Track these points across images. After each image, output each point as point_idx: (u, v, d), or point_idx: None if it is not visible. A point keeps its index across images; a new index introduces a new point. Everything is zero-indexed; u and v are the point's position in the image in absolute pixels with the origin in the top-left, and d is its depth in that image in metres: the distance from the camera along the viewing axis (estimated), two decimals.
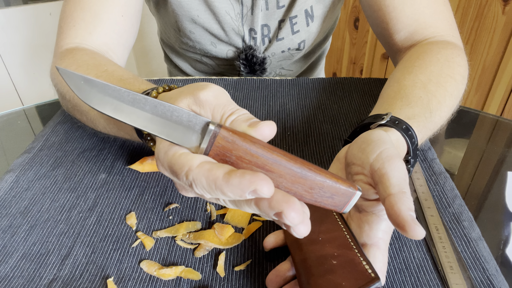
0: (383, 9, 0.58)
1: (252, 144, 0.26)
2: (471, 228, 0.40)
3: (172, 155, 0.27)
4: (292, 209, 0.25)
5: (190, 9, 0.65)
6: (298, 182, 0.26)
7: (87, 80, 0.27)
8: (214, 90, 0.30)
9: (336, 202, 0.27)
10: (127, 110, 0.27)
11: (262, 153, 0.26)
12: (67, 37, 0.55)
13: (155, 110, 0.27)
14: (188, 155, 0.27)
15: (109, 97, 0.27)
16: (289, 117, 0.58)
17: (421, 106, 0.43)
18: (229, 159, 0.27)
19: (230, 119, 0.29)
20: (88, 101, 0.27)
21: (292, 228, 0.26)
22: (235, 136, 0.26)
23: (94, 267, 0.37)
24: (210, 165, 0.26)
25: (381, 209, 0.33)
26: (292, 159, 0.26)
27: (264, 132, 0.27)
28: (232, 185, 0.24)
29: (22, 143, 0.55)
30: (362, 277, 0.30)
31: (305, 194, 0.27)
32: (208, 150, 0.27)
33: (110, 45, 0.57)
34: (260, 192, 0.24)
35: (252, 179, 0.24)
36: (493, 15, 1.34)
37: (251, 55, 0.70)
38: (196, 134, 0.27)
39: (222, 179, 0.25)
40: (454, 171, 0.50)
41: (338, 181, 0.27)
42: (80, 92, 0.27)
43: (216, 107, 0.29)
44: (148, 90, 0.39)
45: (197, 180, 0.26)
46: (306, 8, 0.67)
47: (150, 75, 1.85)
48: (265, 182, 0.24)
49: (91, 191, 0.46)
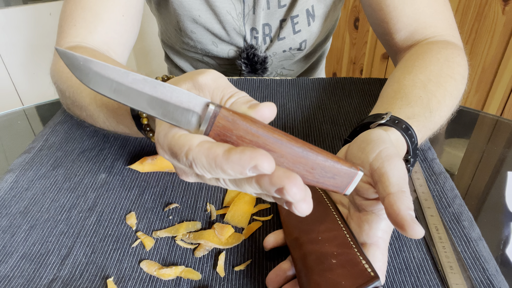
0: (384, 8, 0.58)
1: (252, 124, 0.26)
2: (471, 228, 0.40)
3: (171, 136, 0.27)
4: (294, 184, 0.24)
5: (191, 9, 0.65)
6: (299, 162, 0.26)
7: (86, 60, 0.27)
8: (213, 73, 0.30)
9: (338, 182, 0.27)
10: (126, 91, 0.27)
11: (263, 133, 0.26)
12: (67, 36, 0.55)
13: (154, 91, 0.27)
14: (188, 135, 0.27)
15: (108, 77, 0.27)
16: (289, 117, 0.58)
17: (421, 105, 0.43)
18: (229, 139, 0.26)
19: (230, 101, 0.29)
20: (87, 82, 0.27)
21: (294, 205, 0.25)
22: (236, 115, 0.26)
23: (94, 267, 0.37)
24: (210, 144, 0.25)
25: (381, 208, 0.33)
26: (293, 139, 0.26)
27: (264, 113, 0.27)
28: (232, 162, 0.24)
29: (22, 143, 0.55)
30: (362, 276, 0.30)
31: (307, 174, 0.26)
32: (208, 130, 0.27)
33: (110, 45, 0.57)
34: (261, 167, 0.24)
35: (253, 154, 0.24)
36: (493, 15, 1.34)
37: (252, 54, 0.70)
38: (196, 115, 0.27)
39: (222, 156, 0.24)
40: (454, 171, 0.50)
41: (339, 161, 0.27)
42: (78, 73, 0.27)
43: (215, 90, 0.29)
44: None
45: (197, 159, 0.25)
46: (307, 7, 0.67)
47: (150, 75, 1.84)
48: (266, 158, 0.24)
49: (91, 191, 0.46)
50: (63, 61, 0.27)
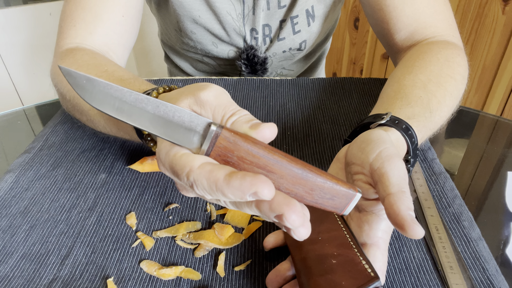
0: (384, 8, 0.58)
1: (253, 145, 0.26)
2: (471, 228, 0.40)
3: (173, 155, 0.27)
4: (293, 211, 0.24)
5: (192, 10, 0.65)
6: (299, 183, 0.26)
7: (89, 79, 0.27)
8: (215, 90, 0.30)
9: (336, 203, 0.27)
10: (128, 110, 0.27)
11: (264, 154, 0.26)
12: (67, 37, 0.55)
13: (157, 110, 0.27)
14: (189, 155, 0.27)
15: (111, 96, 0.27)
16: (289, 117, 0.58)
17: (421, 106, 0.43)
18: (230, 159, 0.27)
19: (231, 120, 0.29)
20: (89, 101, 0.27)
21: (293, 231, 0.26)
22: (237, 136, 0.26)
23: (94, 267, 0.37)
24: (211, 166, 0.26)
25: (381, 208, 0.33)
26: (293, 160, 0.26)
27: (265, 134, 0.27)
28: (233, 187, 0.24)
29: (22, 143, 0.55)
30: (362, 277, 0.30)
31: (306, 195, 0.27)
32: (210, 151, 0.27)
33: (110, 45, 0.57)
34: (261, 194, 0.24)
35: (253, 181, 0.24)
36: (493, 15, 1.34)
37: (252, 55, 0.70)
38: (198, 135, 0.27)
39: (223, 181, 0.25)
40: (454, 171, 0.50)
41: (338, 182, 0.27)
42: (81, 91, 0.27)
43: (217, 107, 0.29)
44: (149, 90, 0.39)
45: (198, 181, 0.26)
46: (307, 8, 0.67)
47: (150, 75, 1.85)
48: (266, 185, 0.24)
49: (91, 191, 0.46)
50: (66, 80, 0.27)
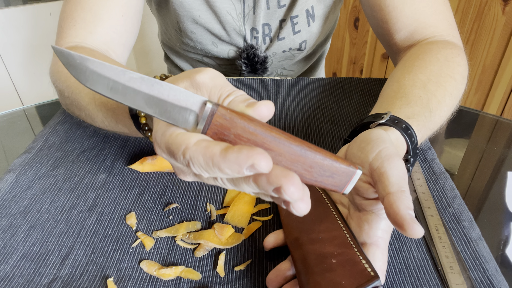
0: (383, 8, 0.58)
1: (250, 122, 0.26)
2: (471, 228, 0.40)
3: (169, 135, 0.27)
4: (292, 183, 0.24)
5: (192, 9, 0.65)
6: (297, 160, 0.26)
7: (83, 58, 0.26)
8: (210, 72, 0.30)
9: (336, 181, 0.27)
10: (123, 89, 0.27)
11: (261, 131, 0.25)
12: (67, 36, 0.55)
13: (151, 90, 0.26)
14: (185, 134, 0.26)
15: (105, 76, 0.26)
16: (289, 117, 0.58)
17: (420, 105, 0.43)
18: (227, 137, 0.26)
19: (228, 100, 0.28)
20: (83, 81, 0.27)
21: (292, 205, 0.25)
22: (233, 114, 0.26)
23: (94, 267, 0.37)
24: (207, 143, 0.25)
25: (381, 208, 0.33)
26: (291, 137, 0.26)
27: (262, 111, 0.27)
28: (230, 161, 0.24)
29: (22, 143, 0.55)
30: (362, 276, 0.30)
31: (305, 173, 0.26)
32: (206, 129, 0.26)
33: (110, 45, 0.57)
34: (258, 166, 0.23)
35: (250, 153, 0.23)
36: (493, 15, 1.34)
37: (252, 54, 0.70)
38: (193, 113, 0.27)
39: (219, 155, 0.24)
40: (454, 171, 0.50)
41: (338, 159, 0.26)
42: (75, 71, 0.27)
43: (212, 88, 0.29)
44: None
45: (194, 158, 0.25)
46: (307, 8, 0.67)
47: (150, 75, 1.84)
48: (263, 156, 0.23)
49: (91, 191, 0.46)
50: (59, 60, 0.27)
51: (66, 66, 0.27)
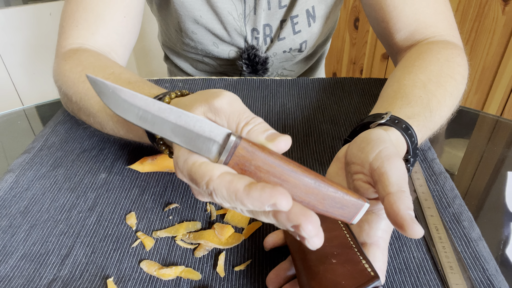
0: (384, 8, 0.58)
1: (270, 155, 0.27)
2: (471, 228, 0.40)
3: (192, 163, 0.28)
4: (310, 222, 0.26)
5: (193, 9, 0.65)
6: (311, 192, 0.28)
7: (116, 88, 0.28)
8: (228, 97, 0.31)
9: (345, 213, 0.29)
10: (152, 119, 0.28)
11: (279, 164, 0.27)
12: (69, 37, 0.55)
13: (179, 120, 0.28)
14: (209, 165, 0.28)
15: (135, 105, 0.28)
16: (289, 117, 0.58)
17: (421, 105, 0.43)
18: (247, 168, 0.28)
19: (247, 128, 0.29)
20: (114, 109, 0.28)
21: (307, 240, 0.27)
22: (255, 147, 0.28)
23: (94, 267, 0.37)
24: (231, 177, 0.27)
25: (381, 208, 0.33)
26: (307, 171, 0.28)
27: (281, 145, 0.29)
28: (253, 198, 0.25)
29: (22, 143, 0.55)
30: (362, 276, 0.30)
31: (318, 204, 0.28)
32: (228, 160, 0.28)
33: (112, 46, 0.57)
34: (280, 205, 0.25)
35: (273, 193, 0.25)
36: (493, 15, 1.34)
37: (253, 54, 0.70)
38: (217, 144, 0.28)
39: (243, 191, 0.26)
40: (454, 171, 0.50)
41: (348, 193, 0.28)
42: (107, 100, 0.28)
43: (231, 114, 0.30)
44: (160, 95, 0.39)
45: (218, 190, 0.27)
46: (307, 8, 0.67)
47: (150, 75, 1.85)
48: (284, 197, 0.25)
49: (91, 191, 0.46)
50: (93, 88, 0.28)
51: (99, 94, 0.28)
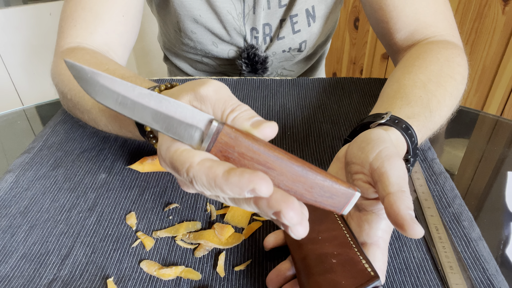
0: (384, 8, 0.58)
1: (254, 142, 0.26)
2: (471, 228, 0.40)
3: (174, 151, 0.27)
4: (291, 208, 0.25)
5: (192, 9, 0.65)
6: (298, 180, 0.26)
7: (94, 73, 0.27)
8: (214, 85, 0.30)
9: (335, 202, 0.27)
10: (131, 104, 0.27)
11: (264, 151, 0.26)
12: (68, 36, 0.55)
13: (159, 106, 0.27)
14: (190, 151, 0.27)
15: (114, 91, 0.27)
16: (289, 117, 0.58)
17: (421, 105, 0.43)
18: (231, 155, 0.27)
19: (232, 115, 0.29)
20: (93, 94, 0.27)
21: (290, 229, 0.26)
22: (238, 133, 0.26)
23: (94, 267, 0.37)
24: (211, 163, 0.26)
25: (381, 208, 0.33)
26: (293, 158, 0.26)
27: (266, 132, 0.27)
28: (231, 183, 0.25)
29: (22, 143, 0.55)
30: (362, 276, 0.30)
31: (305, 193, 0.27)
32: (211, 146, 0.27)
33: (111, 45, 0.57)
34: (259, 191, 0.24)
35: (251, 178, 0.24)
36: (493, 15, 1.34)
37: (253, 54, 0.70)
38: (199, 130, 0.27)
39: (221, 177, 0.25)
40: (454, 171, 0.50)
41: (338, 181, 0.27)
42: (85, 85, 0.27)
43: (216, 102, 0.29)
44: (150, 88, 0.40)
45: (197, 177, 0.26)
46: (307, 7, 0.67)
47: (150, 75, 1.85)
48: (264, 181, 0.24)
49: (91, 191, 0.46)
50: (70, 73, 0.27)
51: (77, 80, 0.27)
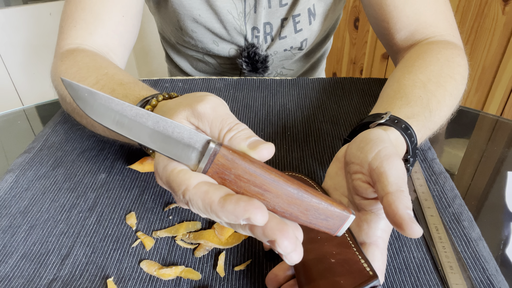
0: (384, 8, 0.58)
1: (251, 164, 0.26)
2: (471, 228, 0.40)
3: (170, 171, 0.28)
4: (286, 237, 0.25)
5: (192, 9, 0.65)
6: (294, 203, 0.27)
7: (91, 92, 0.27)
8: (212, 101, 0.30)
9: (330, 224, 0.28)
10: (128, 124, 0.27)
11: (261, 173, 0.26)
12: (68, 37, 0.55)
13: (156, 126, 0.27)
14: (187, 173, 0.27)
15: (112, 110, 0.27)
16: (289, 117, 0.58)
17: (420, 105, 0.43)
18: (227, 177, 0.27)
19: (229, 135, 0.29)
20: (90, 113, 0.27)
21: (284, 256, 0.26)
22: (235, 155, 0.26)
23: (94, 267, 0.37)
24: (207, 187, 0.26)
25: (380, 207, 0.33)
26: (289, 180, 0.27)
27: (263, 154, 0.28)
28: (227, 211, 0.25)
29: (22, 143, 0.55)
30: (360, 275, 0.30)
31: (301, 215, 0.27)
32: (207, 168, 0.27)
33: (111, 46, 0.57)
34: (254, 220, 0.24)
35: (247, 207, 0.24)
36: (493, 15, 1.34)
37: (253, 53, 0.70)
38: (196, 151, 0.27)
39: (217, 204, 0.25)
40: (454, 171, 0.50)
41: (333, 204, 0.27)
42: (82, 104, 0.27)
43: (214, 120, 0.29)
44: (148, 97, 0.39)
45: (193, 200, 0.26)
46: (309, 6, 0.67)
47: (150, 75, 1.85)
48: (259, 211, 0.24)
49: (91, 191, 0.46)
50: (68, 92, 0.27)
51: (74, 99, 0.27)
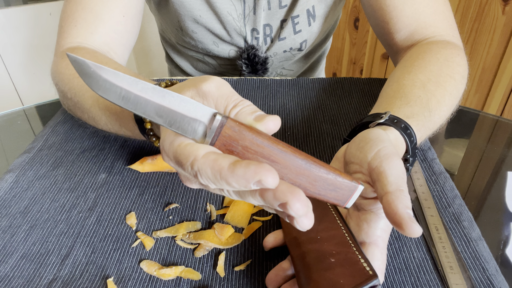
0: (384, 8, 0.58)
1: (258, 135, 0.26)
2: (471, 228, 0.40)
3: (177, 145, 0.27)
4: (297, 199, 0.25)
5: (192, 9, 0.65)
6: (302, 173, 0.26)
7: (97, 67, 0.27)
8: (216, 81, 0.30)
9: (339, 195, 0.28)
10: (134, 99, 0.27)
11: (268, 144, 0.26)
12: (68, 36, 0.55)
13: (162, 100, 0.27)
14: (194, 145, 0.27)
15: (118, 85, 0.27)
16: (289, 117, 0.58)
17: (420, 105, 0.43)
18: (235, 149, 0.27)
19: (235, 111, 0.29)
20: (96, 89, 0.27)
21: (296, 220, 0.26)
22: (242, 126, 0.26)
23: (94, 267, 0.37)
24: (216, 155, 0.26)
25: (380, 207, 0.33)
26: (297, 151, 0.26)
27: (269, 126, 0.28)
28: (237, 175, 0.24)
29: (22, 143, 0.55)
30: (360, 275, 0.30)
31: (309, 186, 0.27)
32: (214, 140, 0.27)
33: (111, 45, 0.57)
34: (265, 182, 0.24)
35: (257, 169, 0.24)
36: (493, 15, 1.34)
37: (253, 54, 0.70)
38: (203, 124, 0.27)
39: (227, 169, 0.25)
40: (454, 171, 0.50)
41: (341, 174, 0.27)
42: (88, 79, 0.27)
43: (219, 98, 0.29)
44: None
45: (202, 170, 0.26)
46: (308, 8, 0.67)
47: (150, 75, 1.85)
48: (270, 173, 0.24)
49: (91, 191, 0.46)
50: (73, 67, 0.27)
51: (80, 74, 0.27)
